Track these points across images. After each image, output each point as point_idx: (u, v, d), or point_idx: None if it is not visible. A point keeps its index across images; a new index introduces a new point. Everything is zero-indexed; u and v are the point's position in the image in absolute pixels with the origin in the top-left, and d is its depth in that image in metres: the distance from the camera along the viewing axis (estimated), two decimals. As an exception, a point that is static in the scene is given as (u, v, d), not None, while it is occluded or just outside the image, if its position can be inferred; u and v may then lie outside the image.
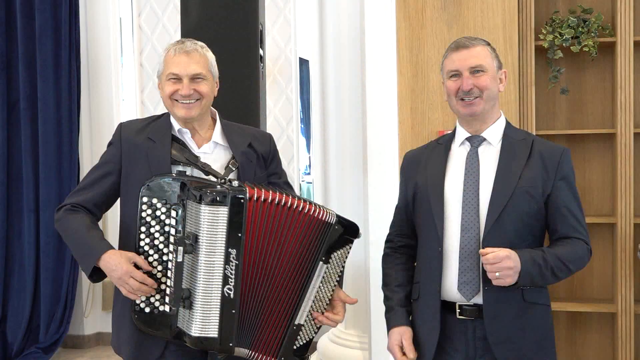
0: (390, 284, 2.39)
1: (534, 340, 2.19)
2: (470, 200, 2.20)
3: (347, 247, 2.29)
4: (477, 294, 2.17)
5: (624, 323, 3.60)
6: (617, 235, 3.61)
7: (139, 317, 2.21)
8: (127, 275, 2.12)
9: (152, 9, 5.59)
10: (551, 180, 2.20)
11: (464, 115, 2.27)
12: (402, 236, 2.44)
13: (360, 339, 4.10)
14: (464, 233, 2.18)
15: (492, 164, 2.24)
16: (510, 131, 2.30)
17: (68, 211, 2.28)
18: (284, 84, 5.44)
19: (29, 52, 5.05)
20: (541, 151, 2.24)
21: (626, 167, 3.59)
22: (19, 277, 5.14)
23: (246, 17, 3.51)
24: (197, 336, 2.13)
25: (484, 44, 2.28)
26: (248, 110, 3.48)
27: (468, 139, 2.30)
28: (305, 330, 2.26)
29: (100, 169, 2.36)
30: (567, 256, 2.16)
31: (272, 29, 5.37)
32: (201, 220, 2.10)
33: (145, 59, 5.64)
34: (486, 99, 2.23)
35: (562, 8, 3.82)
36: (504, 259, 2.04)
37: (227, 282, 2.12)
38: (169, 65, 2.31)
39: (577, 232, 2.21)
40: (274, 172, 2.49)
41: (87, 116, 5.45)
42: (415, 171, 2.37)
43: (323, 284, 2.25)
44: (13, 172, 5.13)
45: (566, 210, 2.20)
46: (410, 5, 3.58)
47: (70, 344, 5.46)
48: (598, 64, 3.81)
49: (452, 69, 2.26)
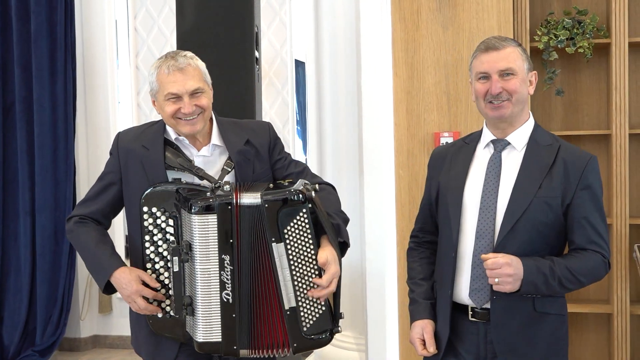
0: (414, 277, 2.36)
1: (543, 352, 2.16)
2: (487, 206, 2.17)
3: (301, 215, 2.18)
4: (488, 300, 2.15)
5: (619, 324, 3.61)
6: (613, 236, 3.62)
7: (153, 322, 2.30)
8: (137, 295, 2.22)
9: (147, 11, 5.59)
10: (572, 189, 2.13)
11: (492, 118, 2.21)
12: (426, 232, 2.42)
13: (357, 341, 4.10)
14: (478, 240, 2.16)
15: (514, 169, 2.19)
16: (538, 135, 2.24)
17: (78, 224, 2.37)
18: (279, 85, 5.45)
19: (25, 55, 5.04)
20: (565, 158, 2.16)
21: (621, 168, 3.60)
22: (15, 279, 5.13)
23: (242, 19, 3.52)
24: (202, 341, 2.20)
25: (515, 45, 2.20)
26: (244, 112, 3.48)
27: (493, 141, 2.24)
28: (307, 310, 2.22)
29: (103, 180, 2.42)
30: (579, 268, 2.11)
31: (267, 31, 5.37)
32: (193, 229, 2.16)
33: (141, 61, 5.64)
34: (515, 103, 2.17)
35: (557, 9, 3.83)
36: (503, 266, 2.02)
37: (224, 288, 2.17)
38: (165, 85, 2.29)
39: (595, 245, 2.14)
40: (278, 159, 2.48)
41: (82, 119, 5.44)
42: (439, 170, 2.33)
43: (294, 260, 2.19)
44: (9, 175, 5.12)
45: (585, 221, 2.13)
46: (405, 7, 3.58)
47: (67, 346, 5.45)
48: (593, 65, 3.82)
49: (481, 70, 2.19)
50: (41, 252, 5.05)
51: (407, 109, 3.60)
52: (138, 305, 2.23)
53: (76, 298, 5.40)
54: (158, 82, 2.31)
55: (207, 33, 3.46)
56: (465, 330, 2.22)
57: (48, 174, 5.04)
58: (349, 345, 4.12)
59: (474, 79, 2.24)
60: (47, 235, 5.05)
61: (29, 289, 5.07)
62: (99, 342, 5.56)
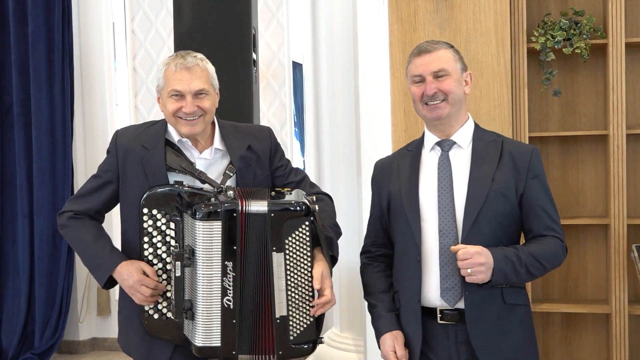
0: (373, 292, 2.36)
1: (516, 341, 2.20)
2: (445, 205, 2.19)
3: (303, 228, 2.21)
4: (460, 300, 2.17)
5: (618, 324, 3.61)
6: (611, 237, 3.62)
7: (148, 322, 2.29)
8: (139, 284, 2.21)
9: (145, 13, 5.59)
10: (523, 179, 2.21)
11: (430, 120, 2.26)
12: (379, 246, 2.42)
13: (356, 342, 4.10)
14: (442, 239, 2.18)
15: (464, 167, 2.23)
16: (480, 133, 2.30)
17: (72, 219, 2.34)
18: (277, 87, 5.45)
19: (22, 57, 5.04)
20: (511, 151, 2.24)
21: (619, 168, 3.60)
22: (13, 282, 5.13)
23: (239, 21, 3.52)
24: (201, 346, 2.20)
25: (447, 47, 2.26)
26: (242, 114, 3.48)
27: (438, 143, 2.28)
28: (296, 319, 2.23)
29: (100, 178, 2.40)
30: (542, 254, 2.16)
31: (265, 33, 5.38)
32: (197, 235, 2.15)
33: (139, 63, 5.64)
34: (451, 103, 2.22)
35: (554, 10, 3.83)
36: (474, 255, 2.05)
37: (226, 294, 2.17)
38: (170, 82, 2.29)
39: (552, 230, 2.22)
40: (278, 166, 2.49)
41: (80, 121, 5.44)
42: (387, 180, 2.35)
43: (291, 270, 2.21)
44: (7, 177, 5.12)
45: (540, 209, 2.21)
46: (402, 9, 3.58)
47: (66, 349, 5.45)
48: (590, 65, 3.83)
49: (416, 73, 2.25)
50: (39, 254, 5.05)
51: (404, 111, 3.60)
52: (142, 293, 2.21)
53: (75, 301, 5.39)
54: (164, 78, 2.32)
55: (204, 35, 3.46)
56: (434, 334, 2.22)
57: (46, 176, 5.04)
58: (348, 346, 4.12)
59: (410, 84, 2.28)
60: (46, 238, 5.05)
61: (28, 291, 5.07)
62: (98, 345, 5.55)
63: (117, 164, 2.37)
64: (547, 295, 3.95)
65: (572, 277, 3.92)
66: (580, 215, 3.89)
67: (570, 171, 3.91)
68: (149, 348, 2.33)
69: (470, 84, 2.31)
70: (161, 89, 2.34)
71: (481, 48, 3.51)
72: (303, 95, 5.27)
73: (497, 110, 3.50)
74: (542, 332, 3.94)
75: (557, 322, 3.94)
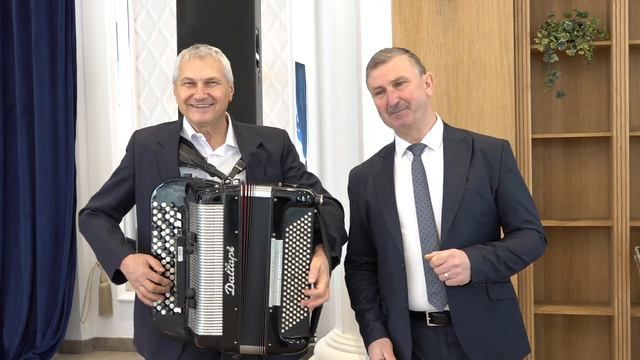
0: (360, 301, 2.36)
1: (506, 336, 2.21)
2: (424, 210, 2.20)
3: (305, 218, 2.19)
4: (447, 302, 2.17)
5: (620, 326, 3.61)
6: (614, 239, 3.62)
7: (156, 319, 2.28)
8: (143, 277, 2.21)
9: (148, 13, 5.59)
10: (497, 175, 2.21)
11: (398, 127, 2.27)
12: (361, 254, 2.42)
13: (358, 343, 4.09)
14: (424, 244, 2.18)
15: (438, 169, 2.24)
16: (449, 133, 2.30)
17: (89, 215, 2.39)
18: (280, 88, 5.44)
19: (25, 58, 5.04)
20: (482, 148, 2.24)
21: (622, 170, 3.60)
22: (15, 282, 5.13)
23: (242, 21, 3.52)
24: (203, 335, 2.19)
25: (401, 53, 2.26)
26: (245, 114, 3.48)
27: (409, 148, 2.29)
28: (289, 311, 2.21)
29: (118, 175, 2.45)
30: (520, 248, 2.17)
31: (268, 34, 5.37)
32: (200, 219, 2.16)
33: (142, 63, 5.64)
34: (415, 109, 2.23)
35: (558, 12, 3.83)
36: (447, 258, 2.06)
37: (227, 280, 2.17)
38: (183, 70, 2.36)
39: (529, 223, 2.22)
40: (290, 167, 2.49)
41: (83, 121, 5.44)
42: (363, 190, 2.35)
43: (288, 260, 2.18)
44: (9, 178, 5.13)
45: (515, 202, 2.21)
46: (406, 10, 3.58)
47: (67, 349, 5.45)
48: (593, 67, 3.82)
49: (375, 86, 2.25)
50: (41, 255, 5.05)
51: (407, 112, 3.59)
52: (145, 287, 2.20)
53: (77, 301, 5.40)
54: (179, 68, 2.38)
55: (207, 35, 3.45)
56: (425, 338, 2.22)
57: (48, 176, 5.04)
58: (350, 347, 4.12)
59: (372, 96, 2.29)
60: (48, 238, 5.05)
61: (30, 291, 5.08)
62: (100, 345, 5.55)
63: (134, 161, 2.41)
64: (549, 297, 3.95)
65: (575, 279, 3.92)
66: (583, 217, 3.88)
67: (574, 173, 3.90)
68: (158, 345, 2.34)
69: (432, 85, 2.30)
70: (175, 79, 2.40)
71: (484, 49, 3.51)
72: (306, 96, 5.26)
73: (500, 112, 3.50)
74: (545, 334, 3.94)
75: (559, 324, 3.93)
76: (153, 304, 2.26)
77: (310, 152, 5.16)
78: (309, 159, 5.22)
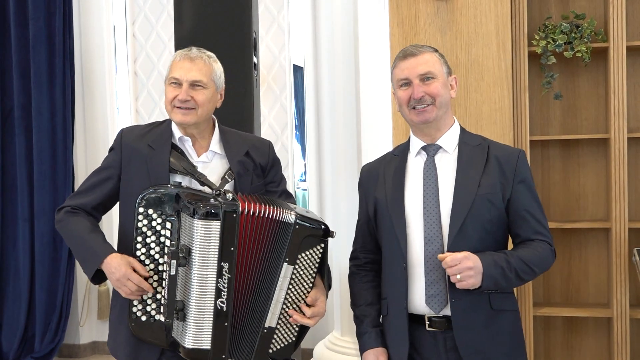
0: (360, 304, 2.35)
1: (504, 347, 2.18)
2: (431, 211, 2.18)
3: (317, 248, 2.23)
4: (446, 306, 2.15)
5: (619, 328, 3.60)
6: (612, 240, 3.62)
7: (135, 324, 2.24)
8: (125, 278, 2.17)
9: (146, 17, 5.60)
10: (510, 184, 2.18)
11: (418, 124, 2.24)
12: (367, 252, 2.41)
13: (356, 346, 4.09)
14: (427, 246, 2.16)
15: (450, 172, 2.22)
16: (466, 137, 2.28)
17: (68, 213, 2.33)
18: (278, 91, 5.44)
19: (23, 61, 5.04)
20: (497, 156, 2.22)
21: (620, 172, 3.60)
22: (13, 286, 5.12)
23: (240, 24, 3.52)
24: (190, 348, 2.16)
25: (432, 50, 2.25)
26: (242, 117, 3.48)
27: (424, 148, 2.27)
28: (281, 333, 2.23)
29: (101, 174, 2.39)
30: (531, 259, 2.14)
31: (266, 37, 5.38)
32: (195, 234, 2.12)
33: (139, 67, 5.64)
34: (439, 106, 2.21)
35: (555, 14, 3.84)
36: (462, 260, 2.03)
37: (219, 295, 2.15)
38: (172, 70, 2.35)
39: (540, 234, 2.20)
40: (271, 181, 2.48)
41: (81, 124, 5.44)
42: (374, 186, 2.34)
43: (293, 285, 2.21)
44: (7, 181, 5.12)
45: (527, 213, 2.19)
46: (403, 12, 3.58)
47: (66, 353, 5.44)
48: (591, 69, 3.83)
49: (402, 77, 2.22)
50: (40, 258, 5.04)
51: (405, 114, 3.59)
52: (128, 287, 2.17)
53: (75, 304, 5.39)
54: (169, 68, 2.38)
55: (205, 39, 3.46)
56: (423, 342, 2.21)
57: (47, 180, 5.04)
58: (348, 350, 4.12)
59: (396, 88, 2.27)
60: (46, 242, 5.04)
61: (28, 295, 5.07)
62: (98, 349, 5.54)
63: (121, 161, 2.36)
64: (548, 299, 3.95)
65: (574, 281, 3.92)
66: (582, 219, 3.88)
67: (572, 175, 3.91)
68: (135, 350, 2.30)
69: (455, 88, 2.29)
70: (165, 79, 2.39)
71: (482, 51, 3.51)
72: (304, 99, 5.26)
73: (498, 114, 3.50)
74: (544, 336, 3.94)
75: (558, 326, 3.93)
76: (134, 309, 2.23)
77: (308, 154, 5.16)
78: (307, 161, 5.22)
